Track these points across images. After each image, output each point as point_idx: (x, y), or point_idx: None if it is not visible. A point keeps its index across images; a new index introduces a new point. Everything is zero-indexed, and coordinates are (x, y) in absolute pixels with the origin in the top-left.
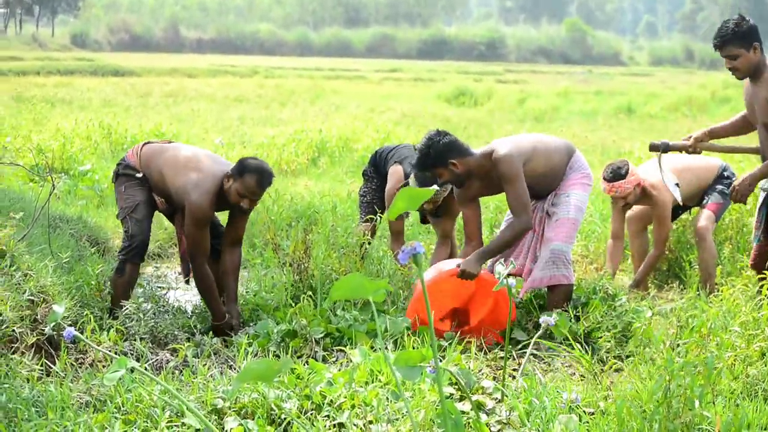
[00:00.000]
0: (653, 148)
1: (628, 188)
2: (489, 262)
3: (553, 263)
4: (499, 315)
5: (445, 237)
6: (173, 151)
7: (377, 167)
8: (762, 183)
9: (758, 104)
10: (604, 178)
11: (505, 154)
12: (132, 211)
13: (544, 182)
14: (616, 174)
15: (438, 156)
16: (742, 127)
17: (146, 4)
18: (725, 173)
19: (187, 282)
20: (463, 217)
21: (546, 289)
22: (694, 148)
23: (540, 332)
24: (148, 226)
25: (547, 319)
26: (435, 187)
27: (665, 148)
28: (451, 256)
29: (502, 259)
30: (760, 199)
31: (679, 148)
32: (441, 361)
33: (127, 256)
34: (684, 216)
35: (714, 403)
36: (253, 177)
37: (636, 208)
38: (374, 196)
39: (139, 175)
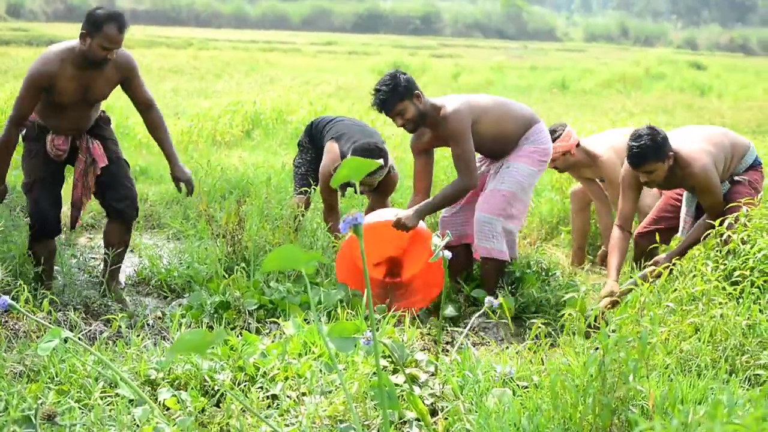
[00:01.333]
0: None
1: (555, 153)
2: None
3: (476, 234)
4: (432, 275)
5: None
6: None
7: (313, 138)
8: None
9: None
10: None
11: (454, 110)
12: (29, 190)
13: (491, 146)
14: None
15: (407, 87)
16: (623, 247)
17: None
18: None
19: (72, 229)
20: (414, 167)
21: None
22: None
23: (480, 311)
24: (49, 203)
25: (491, 300)
26: (380, 161)
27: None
28: None
29: (439, 231)
30: (690, 200)
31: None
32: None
33: (32, 236)
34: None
35: (648, 377)
36: (112, 25)
37: (578, 185)
38: (309, 167)
39: (28, 123)
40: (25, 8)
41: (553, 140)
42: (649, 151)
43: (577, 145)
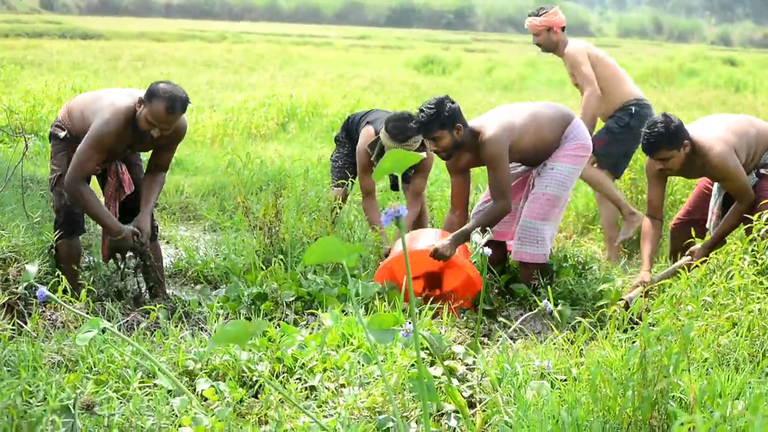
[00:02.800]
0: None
1: (538, 27)
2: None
3: (519, 239)
4: (471, 286)
5: (416, 195)
6: (97, 93)
7: (350, 133)
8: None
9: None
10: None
11: (492, 136)
12: (55, 184)
13: (535, 155)
14: (537, 10)
15: (450, 116)
16: (654, 236)
17: None
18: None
19: (106, 260)
20: (451, 185)
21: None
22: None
23: (531, 312)
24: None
25: (547, 304)
26: (423, 154)
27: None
28: (421, 219)
29: (479, 229)
30: (718, 196)
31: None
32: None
33: (57, 233)
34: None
35: (689, 371)
36: (162, 102)
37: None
38: (346, 161)
39: (62, 134)
40: (58, 1)
41: (538, 15)
42: (663, 139)
43: (563, 28)
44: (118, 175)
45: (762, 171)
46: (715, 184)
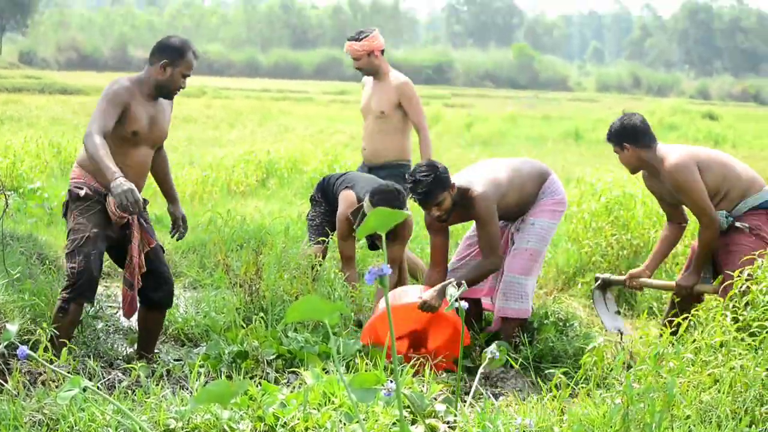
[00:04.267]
0: (597, 280)
1: (359, 51)
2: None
3: (503, 295)
4: (456, 342)
5: (393, 262)
6: None
7: (325, 193)
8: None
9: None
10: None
11: (481, 193)
12: (81, 244)
13: (515, 210)
14: (356, 34)
15: (446, 178)
16: (670, 236)
17: (95, 23)
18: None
19: (128, 317)
20: (430, 243)
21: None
22: (630, 285)
23: (484, 363)
24: (98, 262)
25: (492, 351)
26: (408, 212)
27: (606, 284)
28: (400, 282)
29: (454, 282)
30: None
31: (617, 283)
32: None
33: (71, 295)
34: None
35: (672, 428)
36: (191, 51)
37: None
38: (323, 219)
39: (83, 191)
40: (38, 56)
41: (359, 39)
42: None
43: (382, 51)
44: (141, 228)
45: (737, 224)
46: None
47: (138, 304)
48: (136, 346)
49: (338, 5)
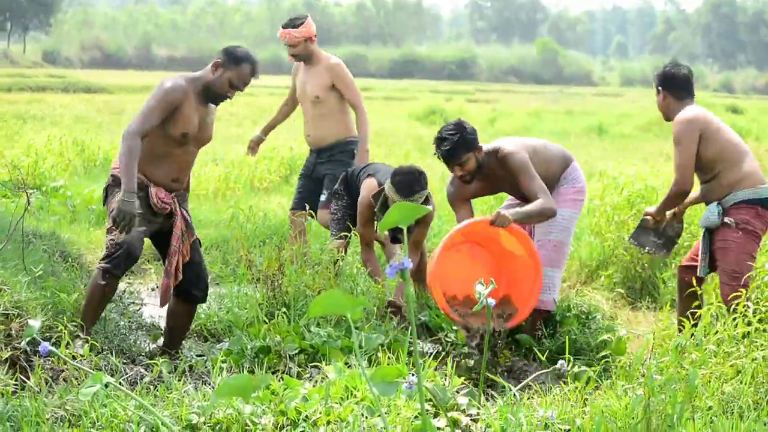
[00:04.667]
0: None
1: (297, 38)
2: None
3: None
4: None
5: (416, 245)
6: None
7: (349, 186)
8: (701, 221)
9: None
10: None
11: (512, 150)
12: (123, 221)
13: None
14: (291, 21)
15: (473, 138)
16: None
17: (119, 22)
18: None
19: (163, 305)
20: (457, 217)
21: None
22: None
23: (546, 370)
24: (139, 240)
25: (562, 364)
26: (429, 207)
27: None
28: (420, 269)
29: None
30: (702, 236)
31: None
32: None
33: (108, 264)
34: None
35: (693, 419)
36: (248, 66)
37: None
38: (345, 212)
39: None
40: (62, 55)
41: (296, 26)
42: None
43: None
44: (185, 217)
45: (725, 220)
46: (702, 231)
47: (171, 296)
48: (159, 341)
49: (361, 2)
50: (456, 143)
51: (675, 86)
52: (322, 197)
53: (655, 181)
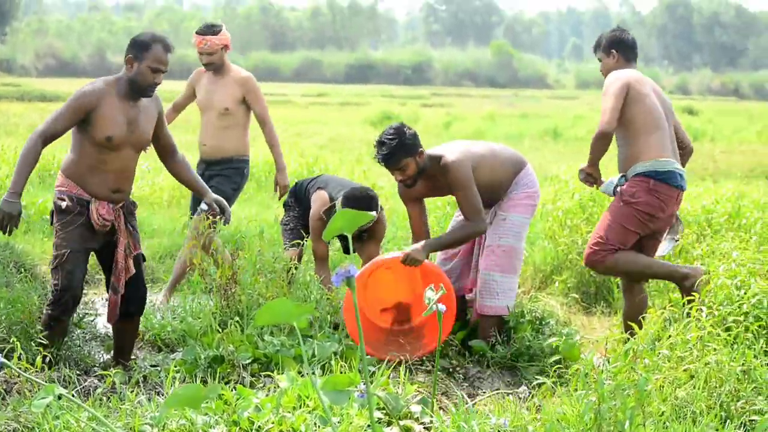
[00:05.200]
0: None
1: (217, 45)
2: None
3: (479, 292)
4: (447, 311)
5: (369, 261)
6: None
7: (298, 197)
8: (601, 187)
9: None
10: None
11: (455, 160)
12: (63, 260)
13: (484, 194)
14: (208, 28)
15: (412, 143)
16: None
17: (73, 30)
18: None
19: (112, 323)
20: (408, 215)
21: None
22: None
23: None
24: (81, 278)
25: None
26: (374, 213)
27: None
28: None
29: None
30: None
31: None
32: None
33: (54, 312)
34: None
35: (644, 425)
36: (159, 45)
37: None
38: (297, 223)
39: (65, 204)
40: (17, 63)
41: (215, 33)
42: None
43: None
44: (129, 232)
45: (616, 190)
46: None
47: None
48: (112, 353)
49: (317, 7)
50: (393, 148)
51: (627, 48)
52: (203, 206)
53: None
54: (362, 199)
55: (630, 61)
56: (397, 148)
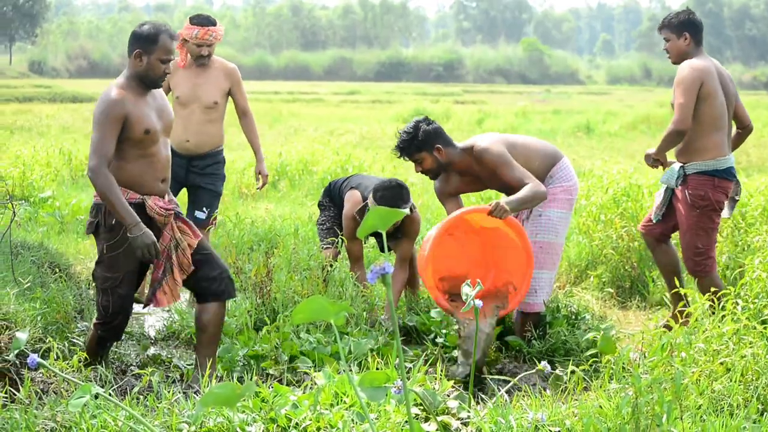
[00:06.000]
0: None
1: (220, 36)
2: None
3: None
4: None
5: (403, 260)
6: None
7: (332, 198)
8: (662, 177)
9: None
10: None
11: (486, 146)
12: (116, 285)
13: (518, 185)
14: (207, 19)
15: (425, 139)
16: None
17: (104, 31)
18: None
19: (145, 307)
20: (446, 211)
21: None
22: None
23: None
24: (131, 301)
25: (546, 365)
26: (407, 210)
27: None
28: (412, 282)
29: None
30: (662, 191)
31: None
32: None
33: (105, 334)
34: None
35: (681, 418)
36: (165, 36)
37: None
38: (333, 222)
39: (113, 221)
40: (48, 65)
41: (215, 24)
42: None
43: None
44: (173, 229)
45: (682, 191)
46: (661, 189)
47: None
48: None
49: (348, 5)
50: (405, 142)
51: (698, 31)
52: (200, 214)
53: (639, 177)
54: (392, 188)
55: (699, 45)
56: (409, 142)
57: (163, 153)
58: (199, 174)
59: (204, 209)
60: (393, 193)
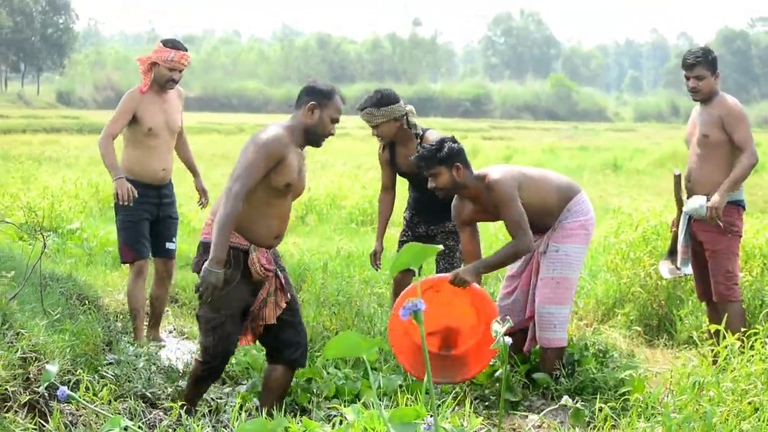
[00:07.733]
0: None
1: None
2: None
3: (538, 325)
4: (486, 345)
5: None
6: None
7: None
8: (686, 208)
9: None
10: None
11: (498, 178)
12: (219, 324)
13: (535, 216)
14: (181, 44)
15: (449, 155)
16: None
17: (132, 62)
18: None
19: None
20: (461, 239)
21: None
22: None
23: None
24: (236, 340)
25: (567, 399)
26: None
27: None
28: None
29: (500, 317)
30: (683, 225)
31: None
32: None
33: (205, 372)
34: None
35: None
36: (338, 96)
37: None
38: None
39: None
40: (75, 96)
41: (186, 50)
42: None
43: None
44: (278, 277)
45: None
46: (683, 224)
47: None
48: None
49: (377, 39)
50: (430, 152)
51: (717, 67)
52: (171, 245)
53: (670, 216)
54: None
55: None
56: (432, 154)
57: (287, 210)
58: (168, 204)
59: (173, 240)
60: (370, 97)
